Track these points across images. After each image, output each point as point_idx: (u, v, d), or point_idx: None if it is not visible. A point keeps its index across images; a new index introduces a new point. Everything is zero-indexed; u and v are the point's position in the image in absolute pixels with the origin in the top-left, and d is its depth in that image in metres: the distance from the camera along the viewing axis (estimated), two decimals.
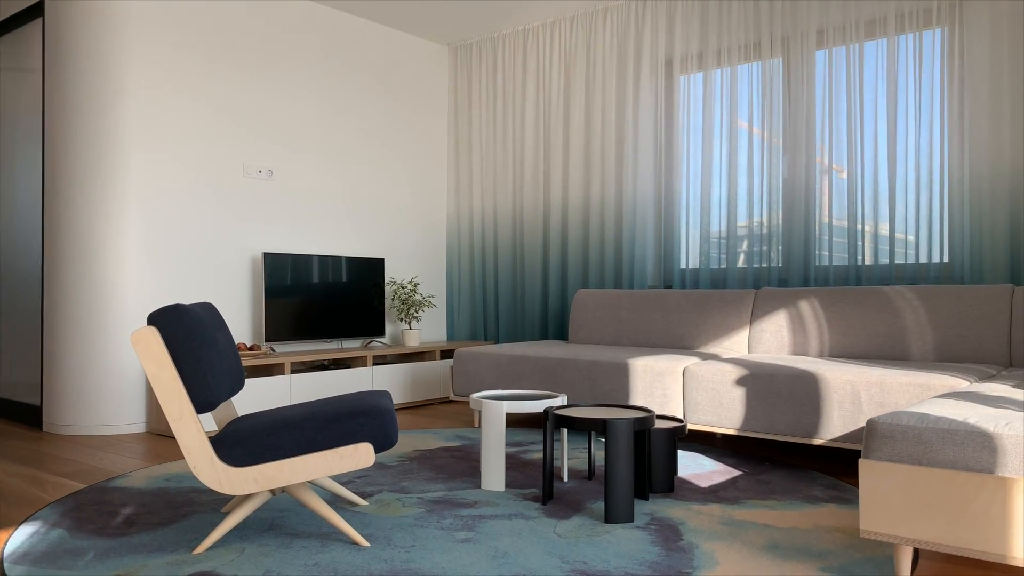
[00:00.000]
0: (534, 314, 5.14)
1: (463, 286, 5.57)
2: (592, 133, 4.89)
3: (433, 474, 3.02)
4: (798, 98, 4.12)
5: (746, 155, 4.30)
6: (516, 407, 2.78)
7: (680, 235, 4.56)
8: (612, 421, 2.39)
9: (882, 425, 1.82)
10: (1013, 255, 3.52)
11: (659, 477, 2.75)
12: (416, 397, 4.84)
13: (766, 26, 4.21)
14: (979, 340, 3.30)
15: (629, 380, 3.55)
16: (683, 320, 4.17)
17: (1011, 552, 1.64)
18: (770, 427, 3.14)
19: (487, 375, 4.05)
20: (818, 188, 4.07)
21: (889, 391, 2.85)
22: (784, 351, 3.82)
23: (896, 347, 3.49)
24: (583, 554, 2.09)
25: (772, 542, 2.19)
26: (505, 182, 5.35)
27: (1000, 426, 1.69)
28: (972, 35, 3.61)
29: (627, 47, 4.75)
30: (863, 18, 3.92)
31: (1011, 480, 1.64)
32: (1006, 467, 1.65)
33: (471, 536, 2.24)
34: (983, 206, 3.58)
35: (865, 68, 3.94)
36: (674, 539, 2.22)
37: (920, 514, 1.74)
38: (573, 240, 4.96)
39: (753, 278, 4.27)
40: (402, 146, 5.37)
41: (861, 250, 3.93)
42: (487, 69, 5.46)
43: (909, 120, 3.80)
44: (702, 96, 4.46)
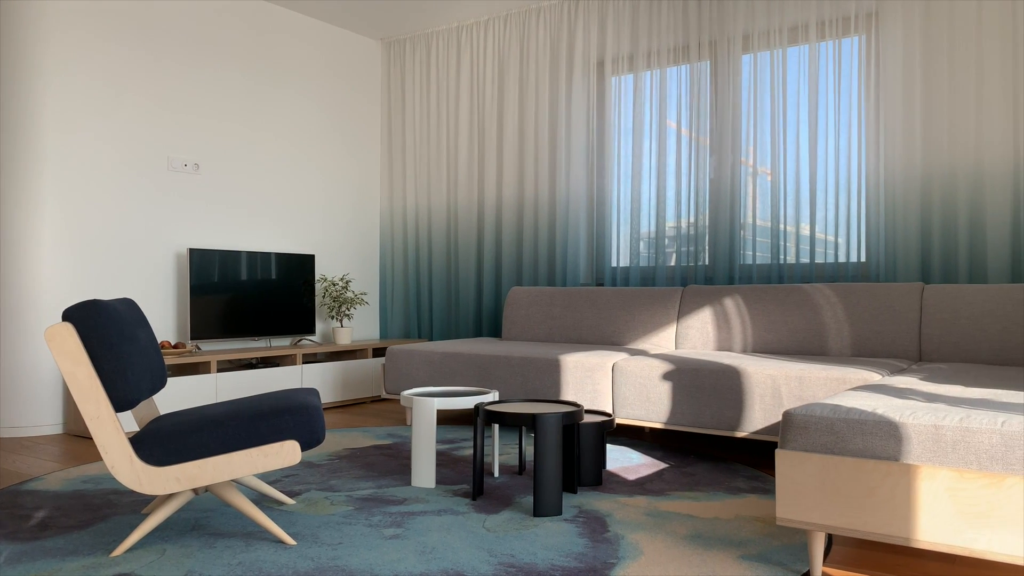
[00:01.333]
0: (468, 312, 5.15)
1: (396, 283, 5.54)
2: (526, 132, 4.92)
3: (363, 472, 3.00)
4: (724, 101, 4.23)
5: (674, 156, 4.39)
6: (447, 404, 2.78)
7: (611, 234, 4.64)
8: (541, 416, 2.42)
9: (797, 417, 1.89)
10: (923, 255, 3.70)
11: (588, 471, 2.79)
12: (348, 396, 4.79)
13: (694, 30, 4.31)
14: (892, 335, 3.45)
15: (560, 376, 3.59)
16: (614, 317, 4.24)
17: (915, 535, 1.73)
18: (695, 421, 3.22)
19: (419, 373, 4.04)
20: (743, 189, 4.19)
21: (807, 385, 2.96)
22: (709, 347, 3.92)
23: (815, 342, 3.62)
24: (511, 547, 2.11)
25: (695, 532, 2.25)
26: (439, 179, 5.34)
27: (905, 416, 1.78)
28: (887, 44, 3.77)
29: (560, 47, 4.79)
30: (786, 25, 4.05)
31: (915, 467, 1.72)
32: (910, 454, 1.74)
33: (400, 532, 2.24)
34: (897, 208, 3.74)
35: (788, 73, 4.07)
36: (600, 531, 2.26)
37: (832, 501, 1.82)
38: (507, 238, 4.99)
39: (681, 276, 4.37)
40: (334, 141, 5.30)
41: (784, 249, 4.06)
42: (421, 66, 5.44)
43: (829, 124, 3.94)
44: (632, 98, 4.54)
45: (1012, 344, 3.18)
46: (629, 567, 1.96)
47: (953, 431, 1.70)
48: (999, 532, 1.64)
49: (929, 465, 1.71)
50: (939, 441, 1.71)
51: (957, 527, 1.68)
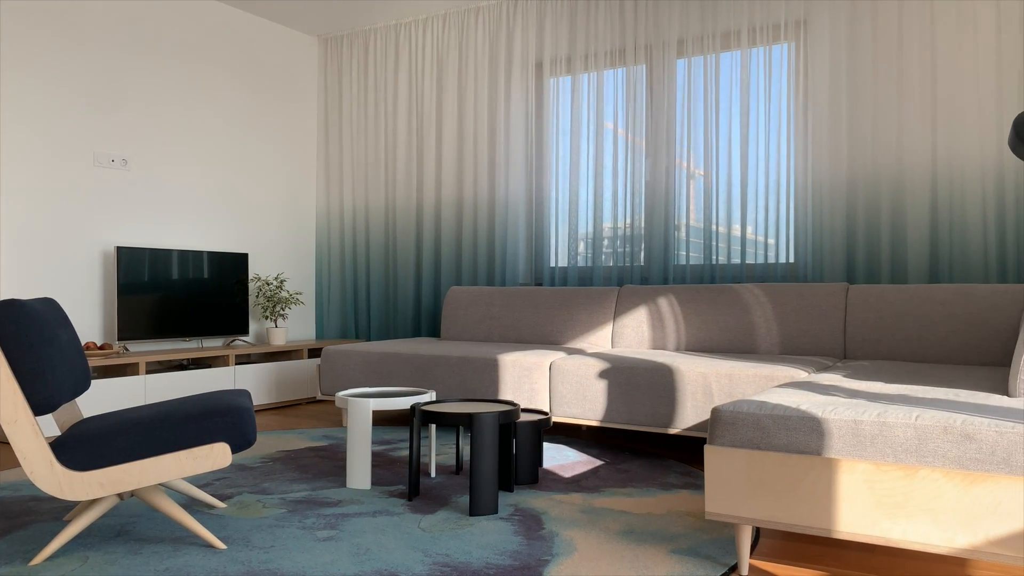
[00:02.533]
0: (407, 311, 5.12)
1: (333, 283, 5.47)
2: (465, 131, 4.92)
3: (297, 474, 2.96)
4: (660, 104, 4.30)
5: (611, 158, 4.45)
6: (382, 404, 2.77)
7: (550, 234, 4.67)
8: (477, 416, 2.43)
9: (725, 413, 1.94)
10: (849, 256, 3.83)
11: (524, 469, 2.81)
12: (282, 397, 4.71)
13: (630, 34, 4.37)
14: (818, 334, 3.57)
15: (499, 375, 3.60)
16: (552, 316, 4.27)
17: (836, 526, 1.79)
18: (630, 418, 3.27)
19: (356, 373, 4.00)
20: (678, 191, 4.27)
21: (737, 382, 3.04)
22: (645, 345, 3.98)
23: (746, 341, 3.71)
24: (446, 547, 2.11)
25: (628, 528, 2.28)
26: (377, 178, 5.29)
27: (827, 412, 1.84)
28: (814, 53, 3.89)
29: (499, 47, 4.81)
30: (719, 31, 4.14)
31: (836, 460, 1.78)
32: (831, 448, 1.80)
33: (333, 534, 2.22)
34: (823, 211, 3.86)
35: (721, 78, 4.16)
36: (536, 528, 2.27)
37: (758, 495, 1.87)
38: (447, 237, 4.98)
39: (617, 276, 4.43)
40: (269, 138, 5.21)
41: (716, 250, 4.15)
42: (358, 63, 5.39)
43: (760, 129, 4.05)
44: (570, 99, 4.58)
45: (930, 342, 3.32)
46: (562, 564, 1.98)
47: (871, 426, 1.77)
48: (913, 522, 1.71)
49: (849, 459, 1.78)
50: (858, 435, 1.77)
51: (875, 518, 1.75)
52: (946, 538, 1.68)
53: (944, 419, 1.72)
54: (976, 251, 3.53)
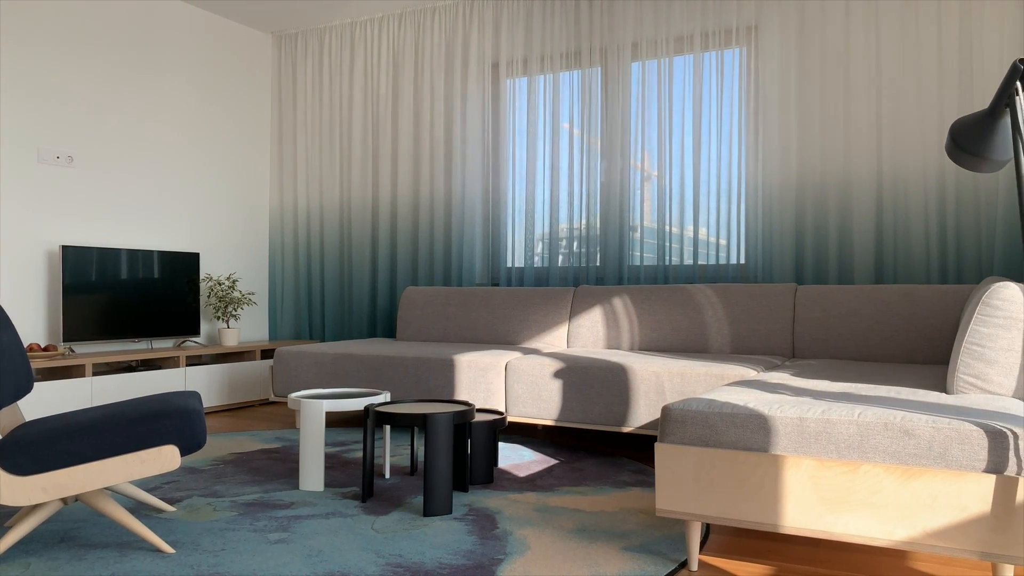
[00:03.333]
0: (362, 312, 5.08)
1: (287, 283, 5.40)
2: (421, 131, 4.91)
3: (249, 477, 2.92)
4: (615, 107, 4.35)
5: (567, 159, 4.48)
6: (336, 406, 2.75)
7: (507, 234, 4.68)
8: (431, 416, 2.42)
9: (675, 411, 1.97)
10: (797, 257, 3.91)
11: (479, 469, 2.82)
12: (234, 399, 4.64)
13: (586, 36, 4.41)
14: (768, 334, 3.64)
15: (454, 376, 3.60)
16: (508, 317, 4.28)
17: (782, 521, 1.83)
18: (585, 417, 3.30)
19: (309, 375, 3.97)
20: (633, 192, 4.32)
21: (689, 381, 3.08)
22: (599, 345, 4.02)
23: (698, 340, 3.77)
24: (399, 547, 2.10)
25: (581, 526, 2.30)
26: (332, 176, 5.25)
27: (774, 409, 1.88)
28: (765, 58, 3.97)
29: (455, 48, 4.80)
30: (672, 35, 4.20)
31: (782, 457, 1.83)
32: (778, 446, 1.84)
33: (285, 537, 2.19)
34: (773, 213, 3.94)
35: (674, 81, 4.22)
36: (490, 528, 2.28)
37: (707, 492, 1.91)
38: (403, 237, 4.95)
39: (573, 276, 4.46)
40: (221, 136, 5.13)
41: (669, 251, 4.21)
42: (313, 61, 5.33)
43: (712, 132, 4.12)
44: (527, 100, 4.60)
45: (875, 341, 3.41)
46: (516, 562, 1.99)
47: (816, 423, 1.81)
48: (855, 516, 1.76)
49: (795, 455, 1.82)
50: (803, 432, 1.82)
51: (819, 512, 1.79)
52: (886, 531, 1.73)
53: (885, 416, 1.78)
54: (919, 253, 3.64)
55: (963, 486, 1.66)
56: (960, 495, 1.67)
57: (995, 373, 2.07)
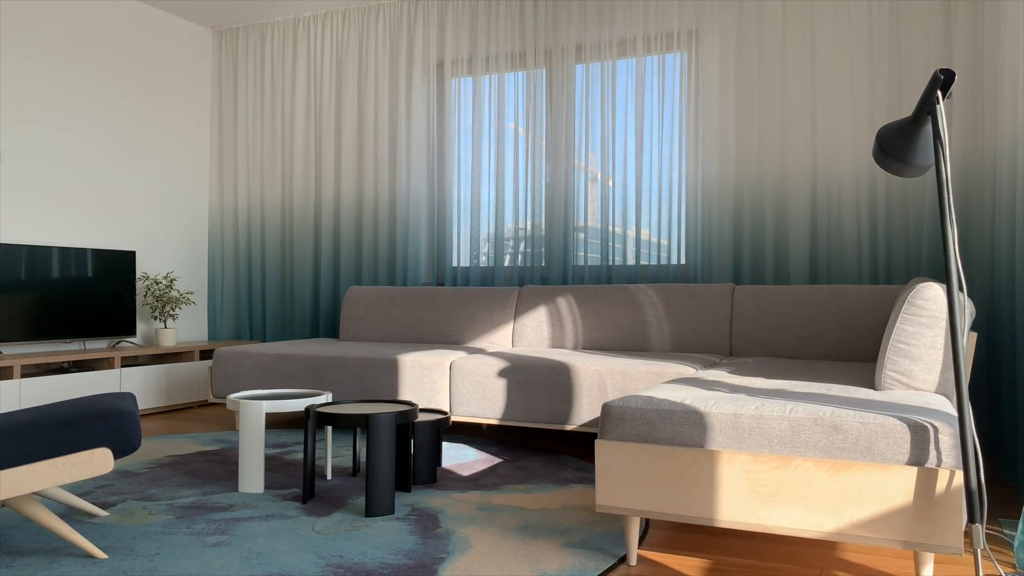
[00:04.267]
0: (304, 312, 5.02)
1: (226, 282, 5.30)
2: (365, 129, 4.87)
3: (186, 479, 2.86)
4: (559, 108, 4.38)
5: (512, 159, 4.50)
6: (276, 407, 2.71)
7: (452, 234, 4.68)
8: (374, 416, 2.41)
9: (614, 408, 2.00)
10: (736, 258, 4.01)
11: (423, 469, 2.82)
12: (172, 401, 4.54)
13: (530, 38, 4.44)
14: (706, 332, 3.72)
15: (398, 376, 3.59)
16: (453, 316, 4.28)
17: (717, 515, 1.88)
18: (529, 416, 3.32)
19: (250, 375, 3.90)
20: (577, 193, 4.36)
21: (630, 379, 3.13)
22: (544, 344, 4.05)
23: (639, 339, 3.83)
24: (341, 548, 2.09)
25: (524, 523, 2.32)
26: (274, 174, 5.17)
27: (709, 406, 1.93)
28: (705, 62, 4.06)
29: (400, 46, 4.78)
30: (615, 38, 4.26)
31: (717, 452, 1.87)
32: (713, 441, 1.89)
33: (224, 540, 2.16)
34: (713, 215, 4.03)
35: (617, 84, 4.28)
36: (432, 527, 2.28)
37: (646, 487, 1.94)
38: (346, 236, 4.91)
39: (519, 276, 4.48)
40: (158, 131, 5.00)
41: (613, 251, 4.26)
42: (254, 56, 5.25)
43: (654, 134, 4.18)
44: (472, 100, 4.61)
45: (809, 339, 3.52)
46: (458, 561, 2.00)
47: (749, 419, 1.87)
48: (787, 509, 1.81)
49: (729, 450, 1.87)
50: (738, 428, 1.87)
51: (752, 506, 1.84)
52: (815, 523, 1.79)
53: (815, 412, 1.84)
54: (851, 254, 3.76)
55: (887, 478, 1.73)
56: (885, 487, 1.73)
57: (919, 370, 2.16)
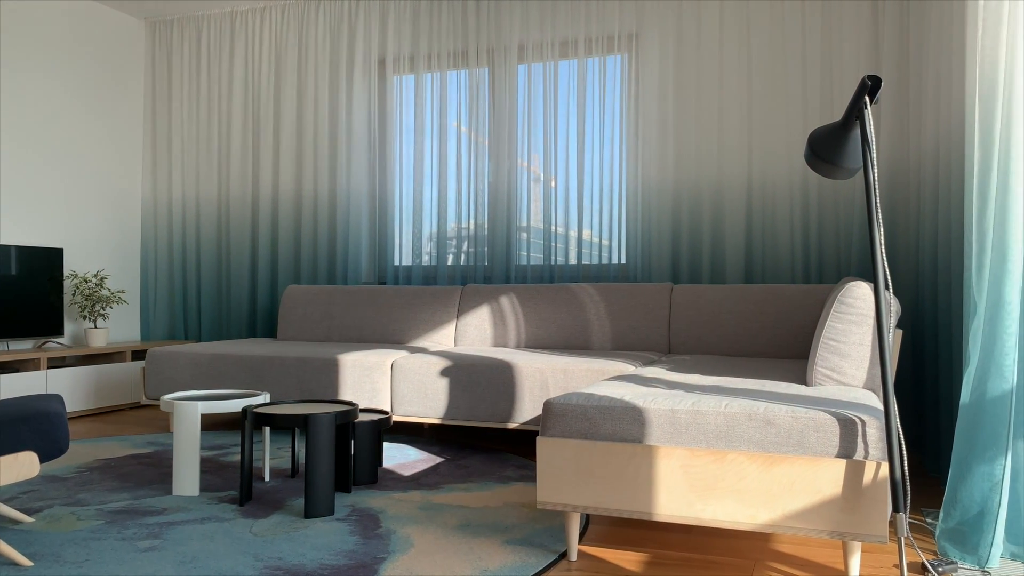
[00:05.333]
0: (241, 311, 4.92)
1: (160, 281, 5.16)
2: (304, 125, 4.80)
3: (117, 483, 2.78)
4: (502, 107, 4.39)
5: (455, 158, 4.49)
6: (212, 407, 2.65)
7: (394, 233, 4.65)
8: (313, 416, 2.38)
9: (556, 406, 2.02)
10: (674, 258, 4.08)
11: (363, 469, 2.79)
12: (103, 403, 4.40)
13: (473, 37, 4.44)
14: (646, 330, 3.78)
15: (338, 376, 3.55)
16: (395, 316, 4.25)
17: (656, 509, 1.91)
18: (471, 415, 3.32)
19: (185, 376, 3.81)
20: (520, 192, 4.38)
21: (572, 377, 3.16)
22: (487, 343, 4.05)
23: (581, 338, 3.87)
24: (279, 550, 2.06)
25: (465, 521, 2.32)
26: (209, 170, 5.05)
27: (648, 402, 1.96)
28: (645, 65, 4.12)
29: (340, 42, 4.73)
30: (557, 39, 4.29)
31: (655, 447, 1.91)
32: (651, 436, 1.92)
33: (157, 544, 2.10)
34: (652, 215, 4.10)
35: (560, 85, 4.31)
36: (373, 527, 2.27)
37: (586, 483, 1.96)
38: (284, 234, 4.83)
39: (461, 275, 4.48)
40: (88, 125, 4.84)
41: (555, 251, 4.30)
42: (190, 50, 5.12)
43: (595, 135, 4.23)
44: (414, 98, 4.59)
45: (745, 337, 3.60)
46: (398, 560, 1.99)
47: (686, 414, 1.90)
48: (722, 502, 1.86)
49: (667, 445, 1.91)
50: (675, 423, 1.91)
51: (689, 500, 1.88)
52: (750, 515, 1.84)
53: (749, 407, 1.89)
54: (784, 255, 3.87)
55: (818, 471, 1.79)
56: (816, 479, 1.79)
57: (848, 366, 2.23)
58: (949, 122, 2.75)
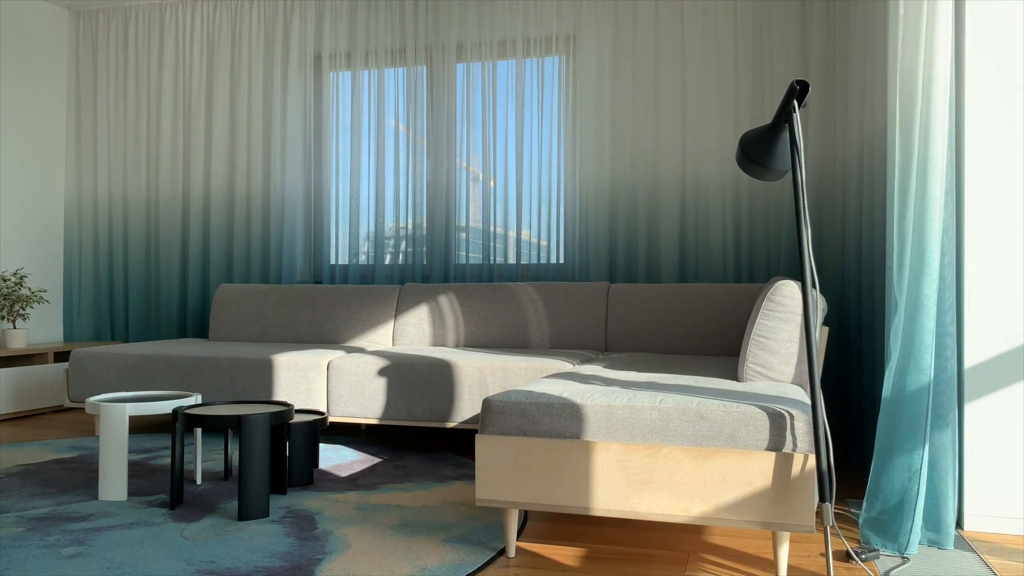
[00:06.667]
0: (171, 311, 4.78)
1: (84, 280, 4.98)
2: (238, 121, 4.69)
3: (39, 489, 2.67)
4: (440, 106, 4.38)
5: (393, 156, 4.46)
6: (140, 409, 2.58)
7: (330, 231, 4.59)
8: (246, 417, 2.34)
9: (495, 403, 2.03)
10: (611, 257, 4.14)
11: (299, 471, 2.75)
12: (23, 406, 4.22)
13: (411, 34, 4.41)
14: (584, 329, 3.82)
15: (273, 377, 3.48)
16: (331, 315, 4.20)
17: (593, 504, 1.94)
18: (409, 414, 3.30)
19: (111, 378, 3.68)
20: (460, 192, 4.38)
21: (511, 375, 3.18)
22: (425, 343, 4.04)
23: (520, 336, 3.89)
24: (212, 554, 2.01)
25: (403, 521, 2.31)
26: (138, 166, 4.89)
27: (585, 398, 1.99)
28: (582, 67, 4.16)
29: (275, 37, 4.64)
30: (496, 39, 4.30)
31: (592, 443, 1.93)
32: (588, 432, 1.95)
33: (82, 551, 2.03)
34: (589, 215, 4.14)
35: (498, 85, 4.33)
36: (309, 529, 2.24)
37: (525, 479, 1.98)
38: (216, 232, 4.71)
39: (400, 275, 4.45)
40: (5, 118, 4.63)
41: (494, 250, 4.31)
42: (117, 41, 4.95)
43: (534, 136, 4.26)
44: (351, 95, 4.53)
45: (679, 334, 3.68)
46: (335, 561, 1.97)
47: (623, 410, 1.94)
48: (657, 495, 1.89)
49: (604, 440, 1.94)
50: (611, 419, 1.94)
51: (625, 494, 1.91)
52: (684, 508, 1.88)
53: (683, 402, 1.93)
54: (717, 255, 3.96)
55: (749, 463, 1.84)
56: (747, 472, 1.84)
57: (777, 362, 2.30)
58: (872, 126, 2.86)
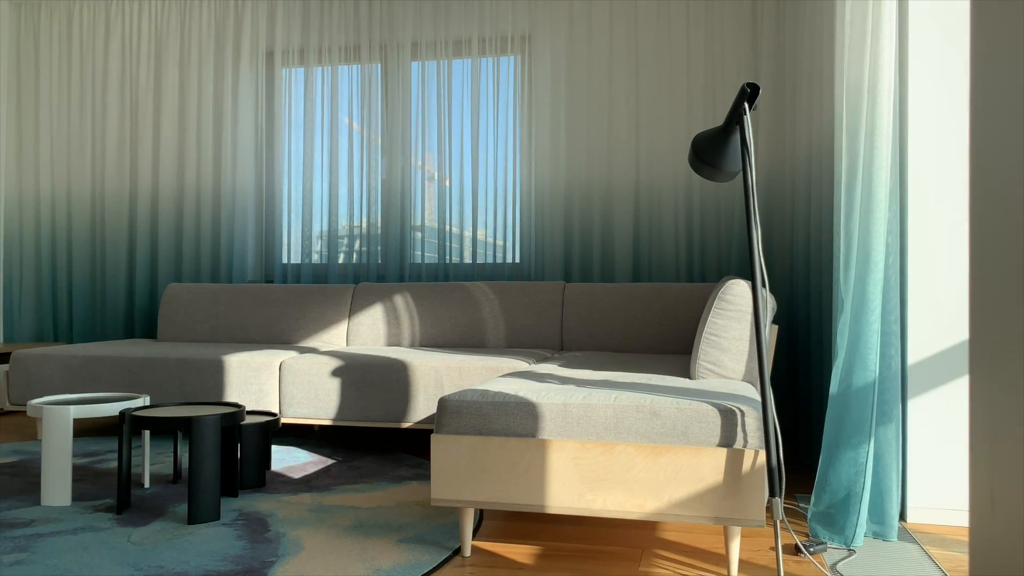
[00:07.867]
0: (118, 311, 4.67)
1: (26, 279, 4.82)
2: (187, 117, 4.60)
3: None
4: (395, 105, 4.36)
5: (347, 155, 4.42)
6: (85, 411, 2.51)
7: (283, 230, 4.52)
8: (196, 419, 2.29)
9: (451, 402, 2.02)
10: (566, 257, 4.16)
11: (250, 473, 2.71)
12: None
13: (365, 32, 4.38)
14: (539, 328, 3.83)
15: (224, 377, 3.42)
16: (283, 315, 4.14)
17: (548, 502, 1.95)
18: (363, 415, 3.27)
19: (55, 380, 3.58)
20: (415, 191, 4.35)
21: (467, 374, 3.17)
22: (380, 342, 4.01)
23: (476, 336, 3.89)
24: (161, 558, 1.97)
25: (357, 522, 2.29)
26: (82, 163, 4.76)
27: (540, 396, 2.00)
28: (538, 67, 4.18)
29: (226, 33, 4.56)
30: (451, 37, 4.29)
31: (548, 441, 1.94)
32: (544, 430, 1.96)
33: (24, 558, 1.97)
34: (545, 215, 4.16)
35: (453, 84, 4.31)
36: (261, 531, 2.20)
37: (481, 478, 1.98)
38: (165, 230, 4.61)
39: (354, 274, 4.41)
40: None
41: (450, 250, 4.29)
42: (60, 35, 4.81)
43: (489, 135, 4.26)
44: (304, 92, 4.48)
45: (633, 334, 3.72)
46: (288, 563, 1.94)
47: (578, 407, 1.95)
48: (612, 492, 1.91)
49: (559, 439, 1.95)
50: (567, 417, 1.95)
51: (580, 491, 1.93)
52: (638, 504, 1.90)
53: (636, 399, 1.95)
54: (670, 254, 4.01)
55: (701, 460, 1.87)
56: (699, 468, 1.87)
57: (728, 360, 2.34)
58: (820, 129, 2.93)
